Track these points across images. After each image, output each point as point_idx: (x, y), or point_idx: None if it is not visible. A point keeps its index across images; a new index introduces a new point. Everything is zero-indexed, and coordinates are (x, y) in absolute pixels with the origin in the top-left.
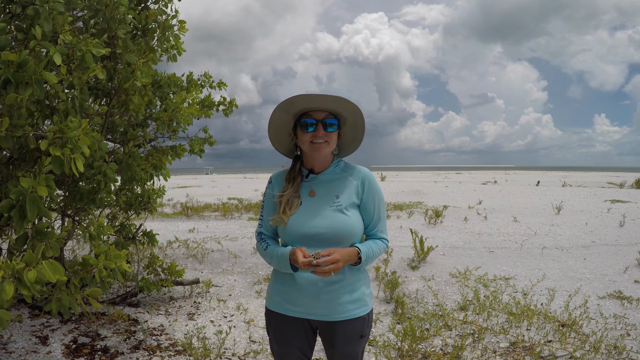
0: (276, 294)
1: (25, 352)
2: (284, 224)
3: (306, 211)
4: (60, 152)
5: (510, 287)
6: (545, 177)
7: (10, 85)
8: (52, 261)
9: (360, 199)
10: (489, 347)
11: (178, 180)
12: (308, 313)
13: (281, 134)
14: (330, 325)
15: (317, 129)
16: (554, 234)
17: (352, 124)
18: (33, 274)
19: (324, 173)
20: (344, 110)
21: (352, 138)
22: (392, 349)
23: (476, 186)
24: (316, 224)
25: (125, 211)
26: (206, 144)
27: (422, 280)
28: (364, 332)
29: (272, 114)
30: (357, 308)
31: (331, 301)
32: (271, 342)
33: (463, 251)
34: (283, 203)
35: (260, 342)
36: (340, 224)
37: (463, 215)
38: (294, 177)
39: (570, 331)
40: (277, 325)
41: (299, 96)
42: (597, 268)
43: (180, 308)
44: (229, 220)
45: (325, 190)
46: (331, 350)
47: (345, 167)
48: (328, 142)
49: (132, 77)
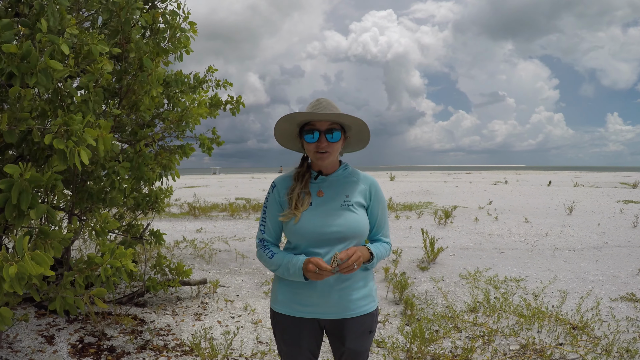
0: (283, 295)
1: (31, 351)
2: (296, 219)
3: (317, 210)
4: (64, 145)
5: (521, 288)
6: (557, 177)
7: (15, 78)
8: (38, 252)
9: (368, 204)
10: (499, 349)
11: (185, 180)
12: (318, 312)
13: (289, 137)
14: (340, 322)
15: (320, 140)
16: (565, 235)
17: (357, 131)
18: (14, 268)
19: (333, 175)
20: (346, 120)
21: (358, 140)
22: (400, 350)
23: (487, 186)
24: (331, 222)
25: (133, 211)
26: (214, 144)
27: (432, 282)
28: (372, 328)
29: (276, 124)
30: (366, 304)
31: (343, 299)
32: (279, 344)
33: (473, 252)
34: (294, 199)
35: (267, 342)
36: (354, 222)
37: (473, 216)
38: (302, 175)
39: (581, 334)
40: (285, 327)
41: (299, 113)
42: (609, 270)
43: (187, 308)
44: (236, 220)
45: (334, 190)
46: (341, 348)
47: (352, 171)
48: (331, 153)
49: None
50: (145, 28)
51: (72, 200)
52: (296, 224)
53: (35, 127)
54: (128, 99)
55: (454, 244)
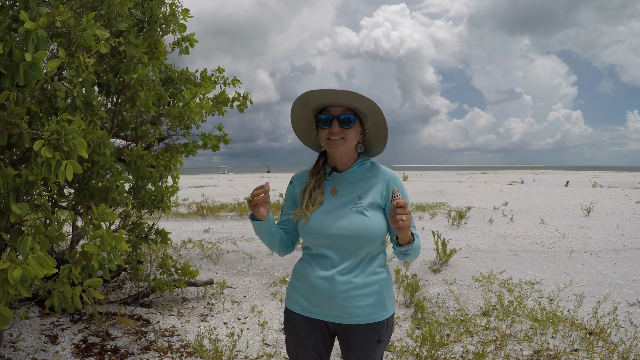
0: (294, 291)
1: (34, 351)
2: (306, 219)
3: (328, 212)
4: (52, 154)
5: (535, 292)
6: (575, 177)
7: (5, 77)
8: (41, 254)
9: (385, 203)
10: (512, 354)
11: (194, 179)
12: (324, 315)
13: (306, 129)
14: (346, 328)
15: (333, 125)
16: (583, 237)
17: (372, 120)
18: (18, 272)
19: (348, 171)
20: (360, 106)
21: (376, 134)
22: (410, 354)
23: (502, 186)
24: (338, 225)
25: (139, 210)
26: (221, 142)
27: (444, 284)
28: (381, 338)
29: (291, 110)
30: (375, 312)
31: (347, 304)
32: (287, 342)
33: (487, 254)
34: (306, 197)
35: (274, 345)
36: (361, 226)
37: (488, 217)
38: (317, 172)
39: (597, 339)
40: (293, 325)
41: (312, 92)
42: (627, 273)
43: (193, 309)
44: (245, 220)
45: (348, 189)
46: (347, 354)
47: (371, 167)
48: (345, 139)
49: (133, 70)
50: (143, 21)
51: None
52: (306, 223)
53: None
54: (125, 94)
55: (468, 246)
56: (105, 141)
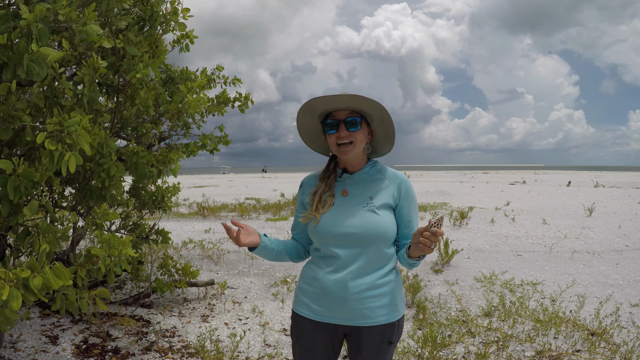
0: (302, 295)
1: (34, 352)
2: (315, 221)
3: (339, 211)
4: (56, 146)
5: (537, 292)
6: (577, 177)
7: (7, 68)
8: (58, 265)
9: (396, 204)
10: (514, 355)
11: (194, 180)
12: (335, 317)
13: (313, 135)
14: (357, 330)
15: (340, 129)
16: (585, 238)
17: (379, 120)
18: (39, 280)
19: (359, 173)
20: (365, 107)
21: (384, 134)
22: (411, 355)
23: (504, 186)
24: (349, 223)
25: (139, 210)
26: (221, 143)
27: (446, 285)
28: (393, 339)
29: (297, 119)
30: (387, 313)
31: (359, 305)
32: (294, 346)
33: (489, 254)
34: (316, 201)
35: (275, 346)
36: (373, 224)
37: (489, 217)
38: (328, 176)
39: (600, 340)
40: (302, 330)
41: (316, 99)
42: (630, 274)
43: (194, 310)
44: (246, 220)
45: (359, 190)
46: (357, 356)
47: (381, 169)
48: (354, 143)
49: (134, 69)
50: (143, 19)
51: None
52: (315, 225)
53: (29, 125)
54: (125, 93)
55: (469, 246)
56: (108, 142)
